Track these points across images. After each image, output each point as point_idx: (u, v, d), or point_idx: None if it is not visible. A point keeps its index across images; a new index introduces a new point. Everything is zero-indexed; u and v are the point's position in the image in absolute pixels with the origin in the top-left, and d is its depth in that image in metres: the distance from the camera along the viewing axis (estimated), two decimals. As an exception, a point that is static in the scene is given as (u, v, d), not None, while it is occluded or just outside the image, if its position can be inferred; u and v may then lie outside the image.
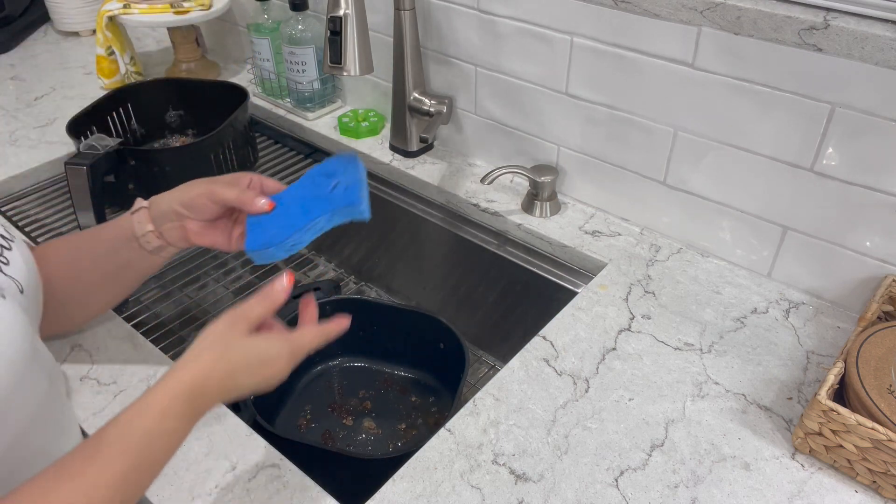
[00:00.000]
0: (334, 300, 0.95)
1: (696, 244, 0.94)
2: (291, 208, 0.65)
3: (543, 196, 1.01)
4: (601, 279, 0.90)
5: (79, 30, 1.60)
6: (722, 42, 0.79)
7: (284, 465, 0.67)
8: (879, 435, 0.61)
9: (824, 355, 0.79)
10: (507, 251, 1.04)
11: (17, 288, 0.60)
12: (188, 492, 0.64)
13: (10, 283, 0.59)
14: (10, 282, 0.59)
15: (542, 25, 0.94)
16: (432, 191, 1.11)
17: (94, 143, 0.94)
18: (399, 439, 0.92)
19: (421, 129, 1.14)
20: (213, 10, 1.31)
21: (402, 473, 0.66)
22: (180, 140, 1.26)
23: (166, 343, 1.04)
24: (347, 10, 0.86)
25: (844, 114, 0.74)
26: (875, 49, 0.69)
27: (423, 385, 0.98)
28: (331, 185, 0.65)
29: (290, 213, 0.65)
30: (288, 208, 0.65)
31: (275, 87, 1.32)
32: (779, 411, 0.72)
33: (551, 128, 1.01)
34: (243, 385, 0.57)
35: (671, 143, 0.89)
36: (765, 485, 0.65)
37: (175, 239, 0.69)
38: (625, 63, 0.88)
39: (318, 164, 0.69)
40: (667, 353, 0.79)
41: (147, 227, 0.69)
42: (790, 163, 0.81)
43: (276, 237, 0.63)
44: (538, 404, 0.73)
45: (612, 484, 0.65)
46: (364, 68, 0.90)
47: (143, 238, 0.69)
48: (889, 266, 0.79)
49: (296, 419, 0.94)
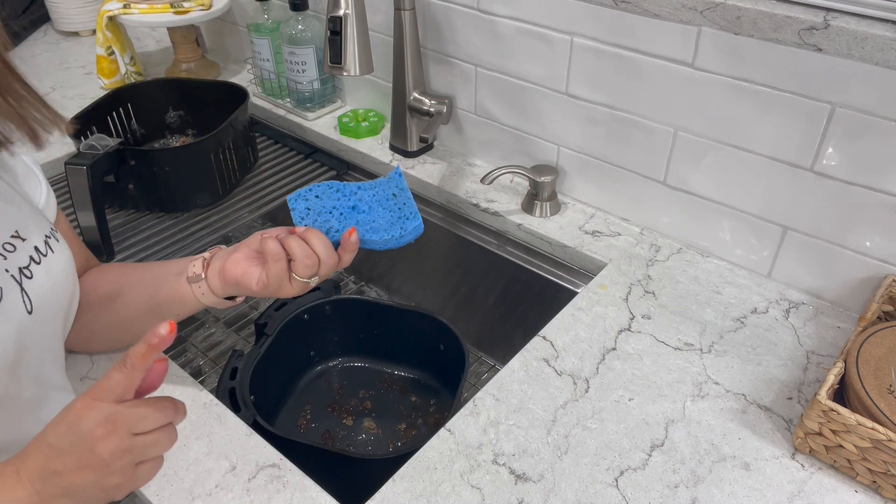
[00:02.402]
0: (334, 300, 0.95)
1: (696, 244, 0.94)
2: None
3: (543, 196, 1.01)
4: (601, 279, 0.90)
5: (79, 30, 1.60)
6: (722, 42, 0.79)
7: (284, 465, 0.67)
8: (879, 435, 0.61)
9: (824, 355, 0.79)
10: (507, 251, 1.04)
11: (24, 309, 0.59)
12: (188, 492, 0.64)
13: (20, 303, 0.58)
14: (18, 302, 0.58)
15: (542, 25, 0.94)
16: (432, 191, 1.11)
17: (94, 143, 0.94)
18: (399, 439, 0.92)
19: (421, 129, 1.14)
20: (213, 10, 1.31)
21: (402, 473, 0.66)
22: (180, 140, 1.26)
23: (166, 343, 1.04)
24: (347, 10, 0.86)
25: (844, 114, 0.74)
26: (875, 49, 0.69)
27: (423, 385, 0.98)
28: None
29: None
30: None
31: (275, 87, 1.32)
32: (779, 411, 0.72)
33: (551, 128, 1.01)
34: (63, 471, 0.48)
35: (671, 143, 0.89)
36: (765, 485, 0.65)
37: (216, 268, 0.67)
38: (625, 63, 0.88)
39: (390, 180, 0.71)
40: (667, 353, 0.79)
41: (204, 255, 0.69)
42: (790, 163, 0.81)
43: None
44: (538, 404, 0.73)
45: (612, 484, 0.65)
46: (364, 68, 0.90)
47: (192, 264, 0.68)
48: (889, 266, 0.79)
49: (296, 419, 0.94)
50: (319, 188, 0.68)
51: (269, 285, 0.63)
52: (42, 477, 0.48)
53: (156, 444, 0.50)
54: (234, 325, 1.12)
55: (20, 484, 0.48)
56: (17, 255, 0.59)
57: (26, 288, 0.59)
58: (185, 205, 1.08)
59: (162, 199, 1.07)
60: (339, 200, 0.68)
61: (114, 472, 0.48)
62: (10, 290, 0.58)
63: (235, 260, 0.66)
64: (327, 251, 0.64)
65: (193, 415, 0.71)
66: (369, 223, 0.68)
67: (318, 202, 0.67)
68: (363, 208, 0.68)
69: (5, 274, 0.57)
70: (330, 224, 0.66)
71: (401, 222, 0.68)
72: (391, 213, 0.69)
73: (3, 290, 0.57)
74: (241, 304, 1.15)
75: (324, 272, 0.64)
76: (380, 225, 0.68)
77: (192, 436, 0.69)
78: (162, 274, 0.71)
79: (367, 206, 0.68)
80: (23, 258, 0.60)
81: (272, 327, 0.88)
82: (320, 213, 0.67)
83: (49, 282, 0.62)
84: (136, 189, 1.05)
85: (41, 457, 0.49)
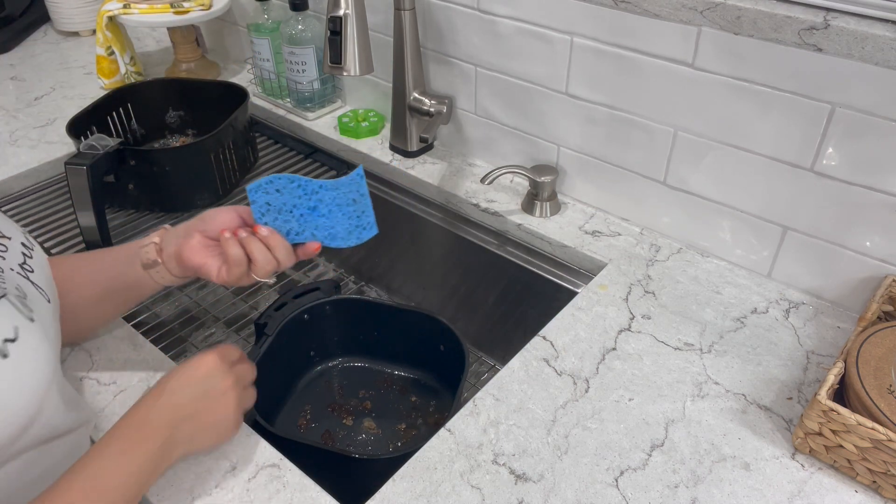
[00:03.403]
0: (334, 300, 0.95)
1: (696, 244, 0.94)
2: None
3: (543, 196, 1.01)
4: (601, 279, 0.90)
5: (79, 30, 1.60)
6: (722, 42, 0.79)
7: (284, 465, 0.67)
8: (879, 435, 0.61)
9: (824, 355, 0.79)
10: (507, 251, 1.04)
11: (44, 299, 0.59)
12: (188, 492, 0.64)
13: (38, 295, 0.59)
14: (37, 293, 0.59)
15: (542, 25, 0.94)
16: (432, 191, 1.11)
17: (94, 143, 0.94)
18: (399, 439, 0.92)
19: (421, 129, 1.14)
20: (213, 10, 1.31)
21: (402, 473, 0.66)
22: (180, 140, 1.26)
23: (166, 343, 1.04)
24: (347, 10, 0.86)
25: (844, 114, 0.74)
26: (875, 49, 0.69)
27: (423, 385, 0.98)
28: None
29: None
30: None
31: (275, 87, 1.32)
32: (779, 411, 0.72)
33: (551, 128, 1.01)
34: (189, 413, 0.61)
35: (671, 143, 0.89)
36: (765, 485, 0.65)
37: (171, 252, 0.69)
38: (625, 63, 0.88)
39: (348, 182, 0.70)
40: (667, 353, 0.79)
41: (154, 239, 0.70)
42: (790, 163, 0.81)
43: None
44: (538, 404, 0.73)
45: (612, 484, 0.65)
46: (364, 68, 0.90)
47: (144, 250, 0.69)
48: (889, 266, 0.79)
49: (296, 419, 0.94)
50: (280, 181, 0.67)
51: (228, 280, 0.68)
52: (171, 425, 0.59)
53: (249, 372, 0.68)
54: (234, 325, 1.12)
55: (148, 438, 0.57)
56: (11, 253, 0.60)
57: (35, 281, 0.59)
58: (185, 205, 1.08)
59: (162, 199, 1.07)
60: (299, 199, 0.67)
61: (230, 395, 0.63)
62: (26, 286, 0.58)
63: (193, 249, 0.67)
64: (287, 256, 0.68)
65: (193, 415, 0.71)
66: (328, 229, 0.69)
67: (278, 197, 0.67)
68: (323, 211, 0.68)
69: (11, 272, 0.57)
70: (290, 226, 0.68)
71: (358, 231, 0.70)
72: (350, 221, 0.69)
73: (22, 288, 0.57)
74: (242, 305, 1.15)
75: (280, 270, 0.69)
76: (338, 232, 0.69)
77: (192, 436, 0.69)
78: (113, 263, 0.72)
79: (327, 209, 0.68)
80: (17, 255, 0.60)
81: (272, 327, 0.88)
82: (281, 210, 0.67)
83: (44, 274, 0.62)
84: (136, 189, 1.05)
85: (168, 409, 0.59)
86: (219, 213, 0.68)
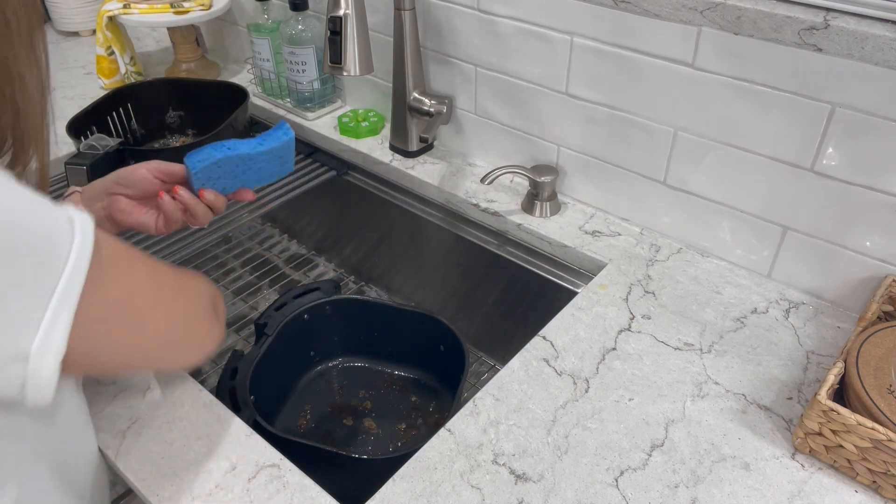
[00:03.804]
0: (334, 300, 0.95)
1: (696, 244, 0.94)
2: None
3: (543, 196, 1.01)
4: (601, 279, 0.90)
5: (79, 30, 1.60)
6: (722, 42, 0.79)
7: (284, 465, 0.67)
8: (879, 435, 0.61)
9: (824, 355, 0.79)
10: (507, 251, 1.04)
11: None
12: (188, 492, 0.64)
13: None
14: None
15: (542, 25, 0.94)
16: (432, 191, 1.11)
17: (94, 143, 0.95)
18: (399, 439, 0.92)
19: (421, 129, 1.14)
20: (213, 10, 1.31)
21: (402, 473, 0.66)
22: (180, 140, 1.26)
23: (166, 343, 1.03)
24: (347, 10, 0.86)
25: (844, 114, 0.74)
26: (875, 49, 0.69)
27: (423, 385, 0.98)
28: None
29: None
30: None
31: (275, 87, 1.32)
32: (779, 411, 0.72)
33: (551, 128, 1.01)
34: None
35: (671, 143, 0.89)
36: (765, 485, 0.65)
37: (100, 219, 0.70)
38: (625, 63, 0.88)
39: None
40: (667, 353, 0.79)
41: (71, 207, 0.70)
42: (790, 163, 0.81)
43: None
44: (538, 404, 0.73)
45: (612, 484, 0.65)
46: (364, 68, 0.90)
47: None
48: (889, 266, 0.79)
49: (296, 419, 0.94)
50: (219, 153, 0.71)
51: (165, 232, 0.72)
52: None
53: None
54: (234, 325, 1.12)
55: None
56: None
57: None
58: (185, 205, 1.08)
59: (162, 199, 1.07)
60: (237, 166, 0.74)
61: None
62: None
63: (124, 211, 0.71)
64: (223, 206, 0.74)
65: (193, 415, 0.71)
66: (257, 181, 0.77)
67: (217, 169, 0.72)
68: (255, 168, 0.75)
69: None
70: (225, 183, 0.74)
71: (280, 172, 0.78)
72: (275, 169, 0.77)
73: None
74: (241, 305, 1.15)
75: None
76: (264, 178, 0.77)
77: (192, 436, 0.69)
78: None
79: (258, 166, 0.76)
80: None
81: (272, 327, 0.88)
82: (220, 177, 0.73)
83: None
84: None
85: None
86: (136, 171, 0.71)
